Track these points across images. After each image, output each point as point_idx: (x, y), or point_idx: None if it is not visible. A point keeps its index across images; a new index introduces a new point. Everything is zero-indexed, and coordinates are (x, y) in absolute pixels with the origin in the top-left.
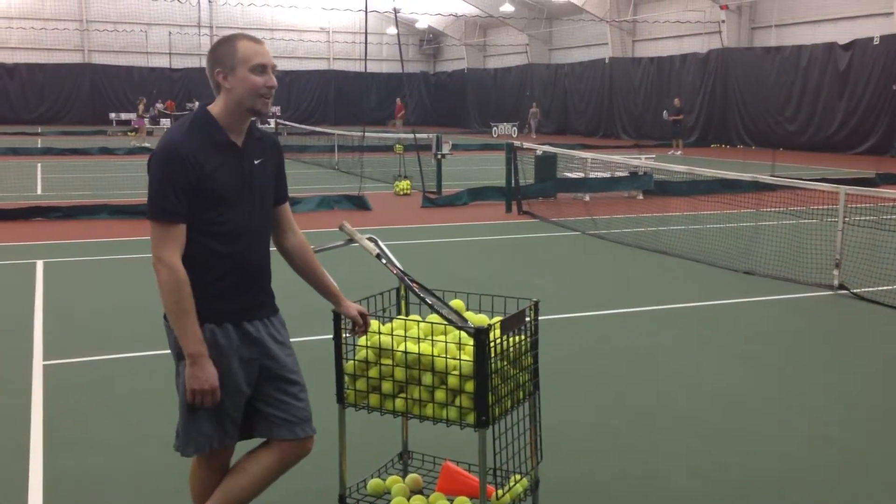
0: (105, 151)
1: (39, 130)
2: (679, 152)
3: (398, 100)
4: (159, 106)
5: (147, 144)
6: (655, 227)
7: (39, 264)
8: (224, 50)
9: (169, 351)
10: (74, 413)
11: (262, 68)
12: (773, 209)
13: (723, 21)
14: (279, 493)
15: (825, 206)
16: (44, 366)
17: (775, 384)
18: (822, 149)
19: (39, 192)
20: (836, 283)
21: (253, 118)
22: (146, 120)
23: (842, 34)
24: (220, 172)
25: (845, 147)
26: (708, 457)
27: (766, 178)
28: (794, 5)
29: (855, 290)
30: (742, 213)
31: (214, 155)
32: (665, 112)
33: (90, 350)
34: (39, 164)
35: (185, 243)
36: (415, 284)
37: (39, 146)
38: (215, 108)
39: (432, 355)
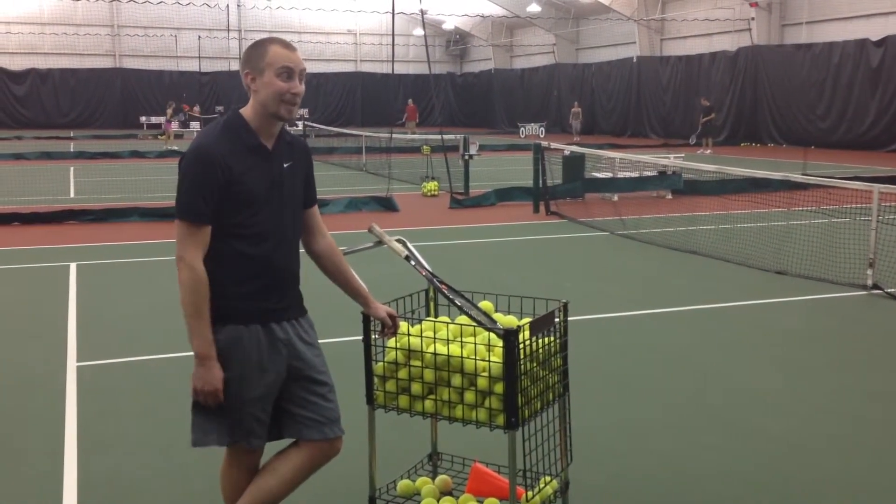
0: (136, 155)
1: (72, 134)
2: (708, 151)
3: (409, 101)
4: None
5: (175, 147)
6: (685, 226)
7: (73, 267)
8: (255, 52)
9: None
10: (107, 414)
11: (288, 72)
12: (804, 208)
13: (752, 18)
14: (309, 494)
15: (858, 205)
16: (77, 367)
17: (808, 385)
18: (855, 146)
19: (72, 195)
20: (869, 282)
21: (280, 122)
22: (173, 124)
23: (874, 30)
24: (249, 175)
25: (878, 144)
26: (740, 459)
27: (797, 176)
28: (826, 2)
29: (889, 290)
30: (773, 212)
31: (245, 158)
32: (692, 137)
33: (123, 351)
34: (72, 168)
35: (215, 245)
36: (444, 286)
37: (72, 150)
38: (247, 111)
39: (461, 357)
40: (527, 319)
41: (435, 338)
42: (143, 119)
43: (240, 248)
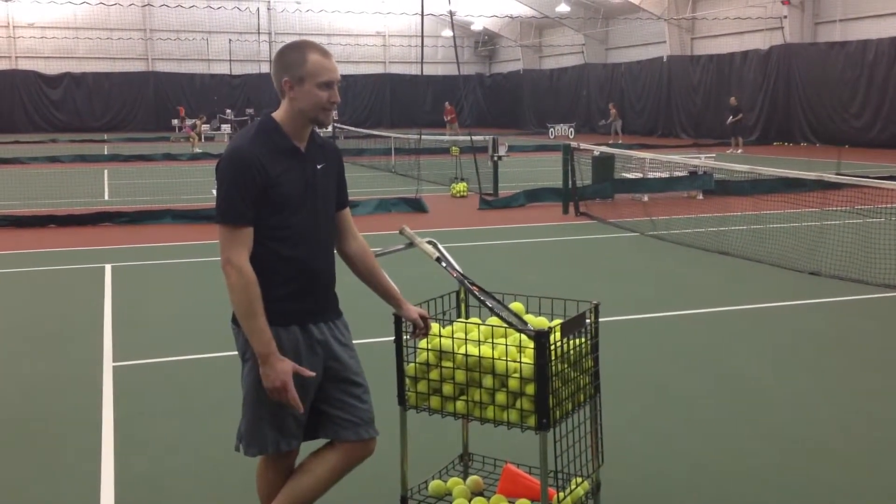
0: (168, 157)
1: (106, 137)
2: (739, 151)
3: (447, 104)
4: (188, 122)
5: (199, 150)
6: (716, 227)
7: (108, 268)
8: (293, 59)
9: (236, 352)
10: (144, 413)
11: (328, 84)
12: (838, 208)
13: (785, 16)
14: (343, 494)
15: (893, 205)
16: (114, 367)
17: (842, 389)
18: (890, 145)
19: (107, 197)
20: None
21: (314, 126)
22: (195, 129)
23: None
24: (284, 178)
25: None
26: (772, 462)
27: (831, 176)
28: None
29: None
30: (806, 212)
31: (279, 160)
32: (731, 115)
33: (158, 352)
34: (106, 171)
35: (252, 247)
36: (475, 287)
37: (106, 153)
38: (279, 114)
39: (493, 358)
40: (558, 321)
41: (466, 339)
42: (174, 122)
43: (276, 250)
